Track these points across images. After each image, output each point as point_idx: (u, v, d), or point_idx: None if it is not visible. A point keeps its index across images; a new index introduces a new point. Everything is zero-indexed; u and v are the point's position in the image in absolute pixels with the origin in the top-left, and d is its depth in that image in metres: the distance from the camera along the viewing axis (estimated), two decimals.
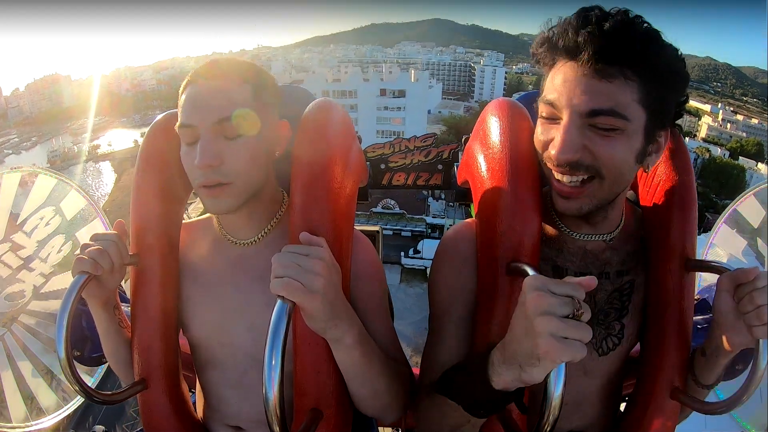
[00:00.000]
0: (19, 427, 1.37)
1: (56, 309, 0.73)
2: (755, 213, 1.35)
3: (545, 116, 0.72)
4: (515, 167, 0.76)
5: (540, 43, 0.72)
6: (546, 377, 0.56)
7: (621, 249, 0.82)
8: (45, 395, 1.38)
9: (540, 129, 0.74)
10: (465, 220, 0.88)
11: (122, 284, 0.89)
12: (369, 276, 0.83)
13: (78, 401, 1.40)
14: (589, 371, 0.82)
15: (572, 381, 0.80)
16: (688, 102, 0.79)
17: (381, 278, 0.87)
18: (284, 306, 0.62)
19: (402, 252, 22.62)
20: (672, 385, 0.77)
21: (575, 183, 0.70)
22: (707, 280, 1.21)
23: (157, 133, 0.85)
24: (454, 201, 1.22)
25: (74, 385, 0.76)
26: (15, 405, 1.37)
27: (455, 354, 0.80)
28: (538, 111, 0.74)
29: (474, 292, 0.79)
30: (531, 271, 0.63)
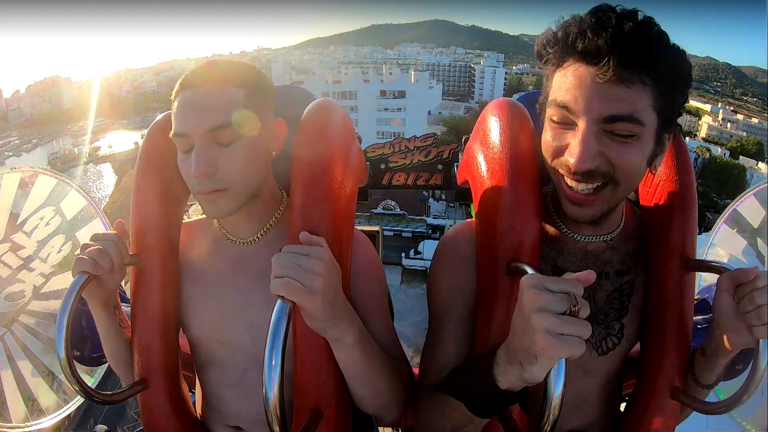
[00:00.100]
0: (19, 427, 1.37)
1: (56, 309, 0.74)
2: (755, 213, 1.35)
3: (557, 121, 0.69)
4: (515, 167, 0.76)
5: (550, 43, 0.69)
6: (546, 377, 0.56)
7: (621, 249, 0.82)
8: (45, 395, 1.38)
9: (550, 134, 0.71)
10: (465, 220, 0.88)
11: (122, 284, 0.89)
12: (369, 275, 0.83)
13: (78, 401, 1.39)
14: (589, 371, 0.82)
15: (572, 381, 0.80)
16: (688, 102, 0.78)
17: (381, 277, 0.87)
18: (284, 306, 0.62)
19: (403, 253, 22.61)
20: (672, 385, 0.77)
21: (589, 190, 0.69)
22: (707, 280, 1.21)
23: (157, 134, 0.85)
24: (454, 201, 1.22)
25: (74, 385, 0.76)
26: (15, 405, 1.37)
27: (455, 354, 0.80)
28: (547, 114, 0.71)
29: (474, 292, 0.79)
30: (531, 271, 0.62)
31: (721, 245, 1.38)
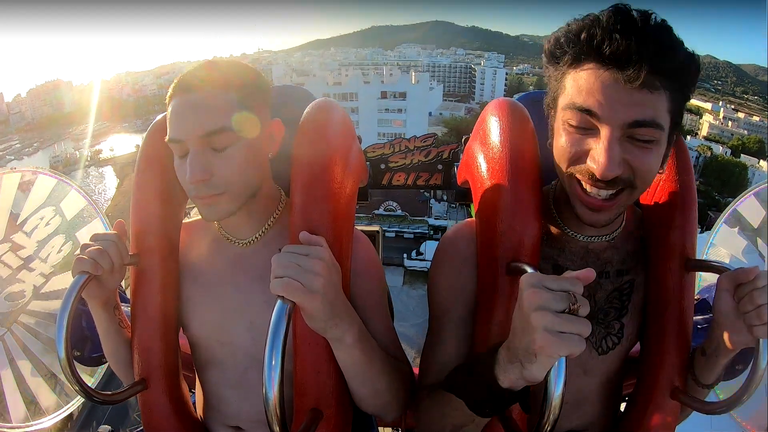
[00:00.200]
0: (19, 427, 1.37)
1: (56, 309, 0.74)
2: (755, 213, 1.35)
3: (575, 125, 0.66)
4: (515, 167, 0.76)
5: (568, 42, 0.66)
6: (546, 376, 0.56)
7: (621, 248, 0.82)
8: (45, 395, 1.38)
9: (567, 138, 0.68)
10: (465, 220, 0.87)
11: (122, 284, 0.89)
12: (368, 274, 0.83)
13: (78, 401, 1.40)
14: (589, 370, 0.82)
15: (572, 380, 0.80)
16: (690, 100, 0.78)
17: (380, 276, 0.87)
18: (284, 306, 0.62)
19: (405, 254, 22.62)
20: (672, 385, 0.77)
21: (607, 196, 0.68)
22: (707, 280, 1.21)
23: (157, 135, 0.85)
24: (455, 201, 1.22)
25: (74, 385, 0.76)
26: (15, 405, 1.37)
27: (455, 354, 0.80)
28: (560, 117, 0.69)
29: (474, 292, 0.79)
30: (530, 271, 0.62)
31: (722, 245, 1.38)
